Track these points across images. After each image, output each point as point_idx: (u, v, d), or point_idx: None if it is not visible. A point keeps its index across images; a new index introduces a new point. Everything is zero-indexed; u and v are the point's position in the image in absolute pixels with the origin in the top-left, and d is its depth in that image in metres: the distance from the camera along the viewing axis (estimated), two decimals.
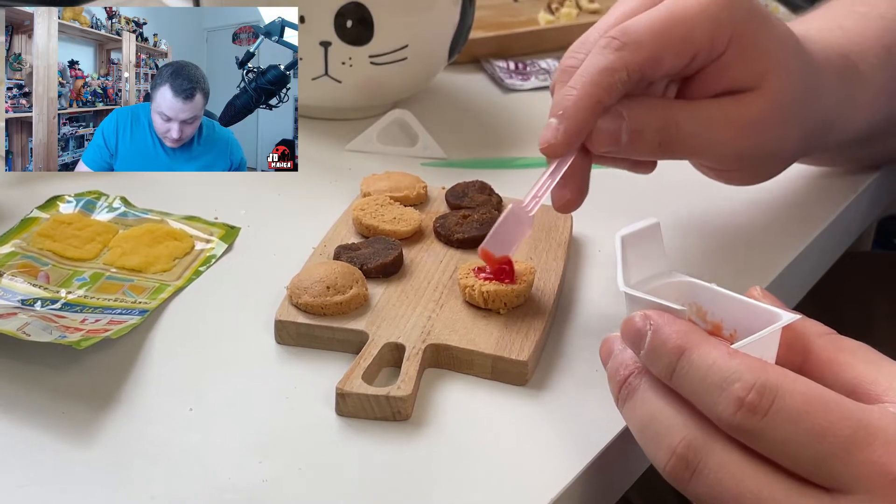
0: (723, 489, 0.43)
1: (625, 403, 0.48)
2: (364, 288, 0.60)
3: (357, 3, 0.77)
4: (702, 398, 0.44)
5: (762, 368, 0.43)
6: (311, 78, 0.79)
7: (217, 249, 0.67)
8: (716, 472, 0.43)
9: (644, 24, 0.57)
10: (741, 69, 0.60)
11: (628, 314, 0.48)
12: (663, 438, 0.45)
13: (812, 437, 0.42)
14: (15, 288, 0.61)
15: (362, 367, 0.54)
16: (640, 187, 0.77)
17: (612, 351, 0.49)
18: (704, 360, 0.44)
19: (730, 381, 0.43)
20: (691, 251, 0.70)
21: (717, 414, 0.43)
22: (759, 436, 0.42)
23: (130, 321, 0.58)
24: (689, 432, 0.44)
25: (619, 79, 0.56)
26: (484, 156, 0.81)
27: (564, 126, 0.56)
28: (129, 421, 0.53)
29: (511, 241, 0.59)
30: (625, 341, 0.48)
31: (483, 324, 0.58)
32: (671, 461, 0.44)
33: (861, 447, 0.41)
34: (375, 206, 0.67)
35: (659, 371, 0.46)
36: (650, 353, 0.46)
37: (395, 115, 0.82)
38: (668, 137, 0.59)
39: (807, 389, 0.43)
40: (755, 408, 0.42)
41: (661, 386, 0.46)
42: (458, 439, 0.53)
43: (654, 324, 0.46)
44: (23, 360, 0.55)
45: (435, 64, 0.86)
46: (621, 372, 0.48)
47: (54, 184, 0.72)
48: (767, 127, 0.61)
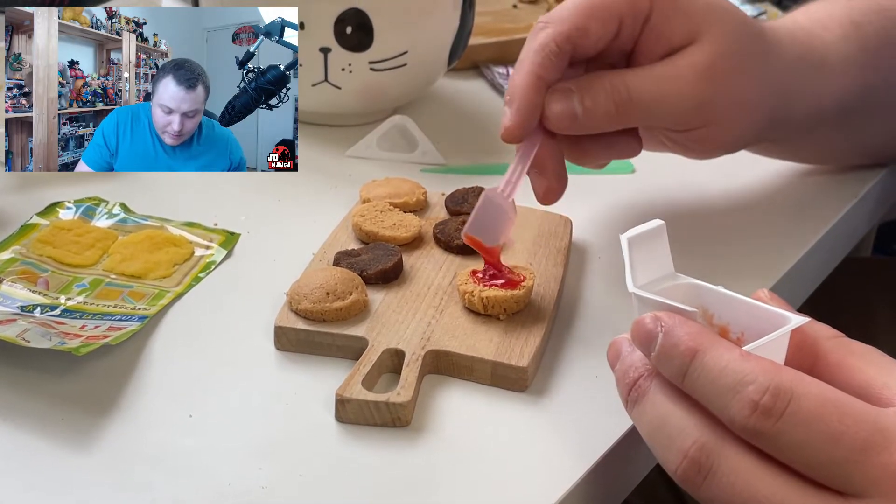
0: (735, 493, 0.42)
1: (634, 406, 0.47)
2: (364, 294, 0.60)
3: (357, 9, 0.77)
4: (714, 401, 0.43)
5: (776, 371, 0.42)
6: (310, 84, 0.79)
7: (217, 255, 0.67)
8: (728, 475, 0.43)
9: (565, 3, 0.61)
10: (673, 29, 0.62)
11: (638, 316, 0.48)
12: (674, 441, 0.44)
13: (827, 441, 0.41)
14: (14, 294, 0.61)
15: (362, 374, 0.54)
16: (639, 193, 0.77)
17: (621, 353, 0.49)
18: (717, 363, 0.43)
19: (744, 383, 0.42)
20: (693, 255, 0.70)
21: (731, 417, 0.42)
22: (773, 439, 0.42)
23: (130, 327, 0.58)
24: (701, 435, 0.43)
25: (550, 51, 0.59)
26: (483, 162, 0.81)
27: (513, 108, 0.60)
28: (128, 427, 0.52)
29: (497, 228, 0.59)
30: (635, 343, 0.47)
31: (483, 330, 0.58)
32: (683, 464, 0.44)
33: (877, 451, 0.41)
34: (375, 212, 0.67)
35: (670, 373, 0.45)
36: (661, 355, 0.45)
37: (395, 121, 0.82)
38: (620, 99, 0.60)
39: (821, 392, 0.42)
40: (769, 411, 0.41)
41: (673, 388, 0.46)
42: (457, 445, 0.53)
43: (665, 325, 0.45)
44: (22, 367, 0.55)
45: (434, 70, 0.86)
46: (630, 374, 0.47)
47: (54, 190, 0.72)
48: (717, 73, 0.62)
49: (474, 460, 0.52)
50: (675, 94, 0.62)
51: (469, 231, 0.59)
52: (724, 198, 0.77)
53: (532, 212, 0.70)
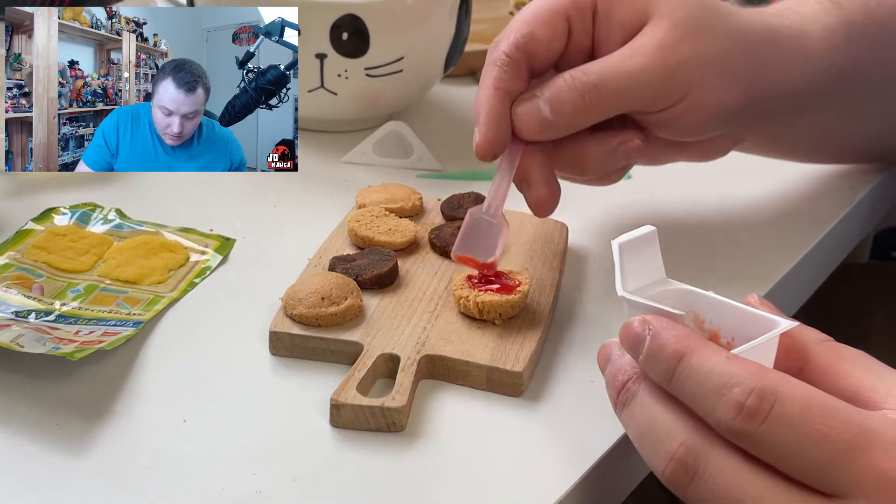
0: (722, 495, 0.43)
1: (623, 409, 0.47)
2: (359, 299, 0.60)
3: (353, 15, 0.77)
4: (701, 403, 0.43)
5: (762, 373, 0.43)
6: (306, 90, 0.79)
7: (212, 261, 0.67)
8: (715, 477, 0.43)
9: (513, 20, 0.63)
10: (624, 14, 0.62)
11: (627, 320, 0.48)
12: (662, 444, 0.44)
13: (812, 443, 0.41)
14: (9, 300, 0.61)
15: (357, 378, 0.54)
16: (634, 199, 0.77)
17: (611, 356, 0.49)
18: (703, 365, 0.43)
19: (729, 385, 0.42)
20: (686, 261, 0.70)
21: (717, 419, 0.43)
22: (758, 441, 0.42)
23: (125, 332, 0.57)
24: (687, 437, 0.44)
25: (503, 62, 0.60)
26: (479, 167, 0.81)
27: (479, 124, 0.60)
28: (123, 432, 0.52)
29: (489, 244, 0.60)
30: (623, 346, 0.47)
31: (478, 335, 0.58)
32: (670, 466, 0.44)
33: (861, 452, 0.41)
34: (371, 217, 0.67)
35: (657, 376, 0.45)
36: (649, 358, 0.45)
37: (391, 127, 0.82)
38: (585, 88, 0.60)
39: (806, 394, 0.42)
40: (754, 412, 0.42)
41: (660, 391, 0.46)
42: (453, 450, 0.52)
43: (652, 328, 0.46)
44: (16, 372, 0.55)
45: (430, 76, 0.86)
46: (619, 377, 0.48)
47: (49, 195, 0.72)
48: (678, 39, 0.61)
49: (469, 465, 0.52)
50: (641, 68, 0.60)
51: (458, 251, 0.60)
52: (719, 204, 0.77)
53: (528, 217, 0.69)
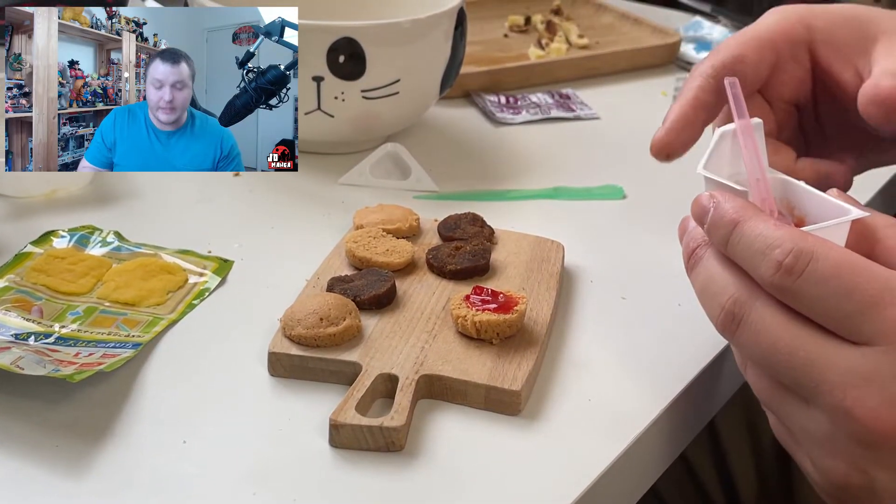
0: (761, 340, 0.49)
1: (692, 270, 0.54)
2: (357, 319, 0.60)
3: (349, 38, 0.78)
4: (749, 262, 0.50)
5: (802, 237, 0.48)
6: (304, 112, 0.80)
7: (210, 283, 0.67)
8: (756, 324, 0.49)
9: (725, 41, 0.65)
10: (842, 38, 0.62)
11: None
12: (716, 297, 0.51)
13: (841, 296, 0.47)
14: (8, 322, 0.61)
15: (356, 398, 0.54)
16: (630, 219, 0.78)
17: (687, 228, 0.56)
18: (753, 230, 0.50)
19: (772, 247, 0.48)
20: (682, 276, 0.70)
21: (760, 275, 0.49)
22: (794, 294, 0.48)
23: (124, 354, 0.58)
24: (736, 290, 0.50)
25: (707, 74, 0.62)
26: (475, 188, 0.82)
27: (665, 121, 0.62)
28: (123, 453, 0.52)
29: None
30: (692, 216, 0.54)
31: (476, 354, 0.58)
32: (721, 316, 0.51)
33: (886, 305, 0.46)
34: (368, 238, 0.68)
35: (717, 240, 0.52)
36: (711, 225, 0.52)
37: (388, 149, 0.83)
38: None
39: (840, 255, 0.47)
40: (791, 269, 0.47)
41: (720, 255, 0.52)
42: (451, 469, 0.53)
43: (716, 201, 0.52)
44: (16, 394, 0.55)
45: (427, 98, 0.86)
46: (690, 245, 0.54)
47: (48, 218, 0.72)
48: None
49: (468, 484, 0.52)
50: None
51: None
52: None
53: (524, 237, 0.70)
